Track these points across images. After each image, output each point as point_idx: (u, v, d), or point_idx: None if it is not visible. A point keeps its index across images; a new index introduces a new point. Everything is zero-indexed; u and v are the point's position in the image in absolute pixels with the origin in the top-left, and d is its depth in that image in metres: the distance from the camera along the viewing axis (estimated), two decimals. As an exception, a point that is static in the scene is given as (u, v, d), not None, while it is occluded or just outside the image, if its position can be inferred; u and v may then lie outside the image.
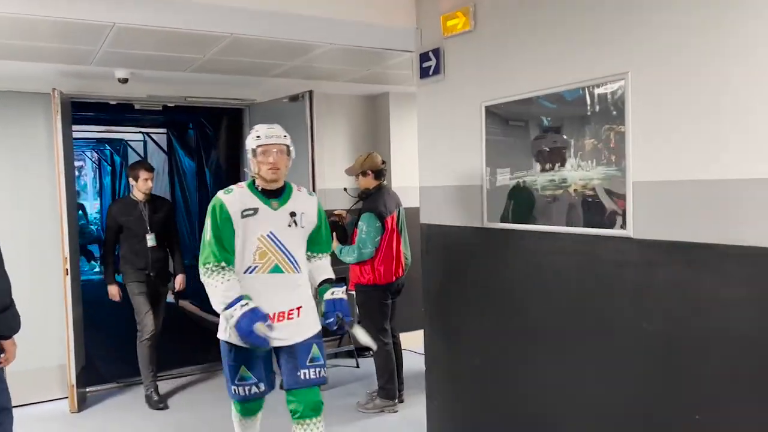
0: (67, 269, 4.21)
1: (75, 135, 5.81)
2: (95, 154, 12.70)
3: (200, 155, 7.02)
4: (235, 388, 2.87)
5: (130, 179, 4.52)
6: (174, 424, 4.10)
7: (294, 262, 2.79)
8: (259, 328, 2.56)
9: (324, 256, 3.00)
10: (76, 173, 14.46)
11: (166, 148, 8.25)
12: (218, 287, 2.64)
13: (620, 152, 2.36)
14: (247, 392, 2.87)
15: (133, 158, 9.88)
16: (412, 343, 4.82)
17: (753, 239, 1.98)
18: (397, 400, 4.21)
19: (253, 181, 2.80)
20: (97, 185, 13.64)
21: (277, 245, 2.74)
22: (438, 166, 3.38)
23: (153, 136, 8.56)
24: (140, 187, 4.47)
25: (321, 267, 2.98)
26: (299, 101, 4.66)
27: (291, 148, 2.80)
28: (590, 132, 2.48)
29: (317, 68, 4.40)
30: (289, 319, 2.77)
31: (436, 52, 3.27)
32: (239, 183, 2.85)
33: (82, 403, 4.40)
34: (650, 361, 2.31)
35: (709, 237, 2.10)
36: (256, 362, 2.86)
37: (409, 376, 4.39)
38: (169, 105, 5.11)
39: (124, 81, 4.37)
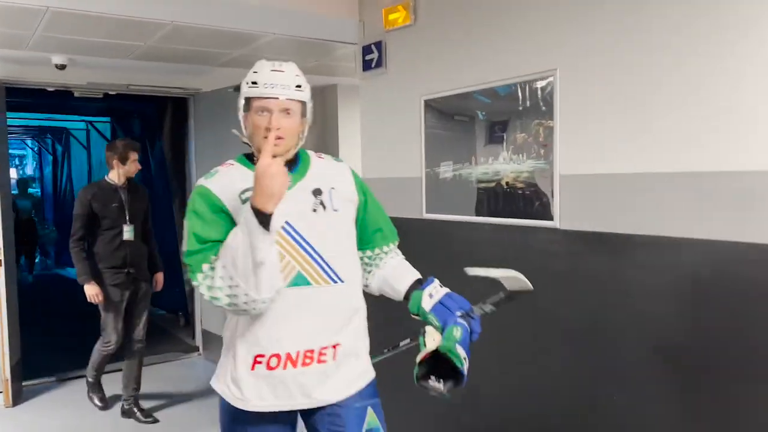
0: (0, 260, 4.09)
1: (14, 122, 5.62)
2: (36, 143, 12.25)
3: (144, 145, 6.86)
4: None
5: (114, 161, 3.82)
6: (111, 418, 4.04)
7: (326, 266, 1.75)
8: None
9: (391, 248, 1.97)
10: (17, 163, 13.98)
11: (109, 137, 8.03)
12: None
13: (549, 146, 2.45)
14: None
15: (76, 147, 9.58)
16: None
17: (670, 230, 2.09)
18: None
19: (249, 155, 1.81)
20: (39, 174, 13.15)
21: (297, 242, 1.72)
22: (380, 158, 3.42)
23: (96, 124, 8.32)
24: (129, 170, 3.85)
25: (396, 268, 1.94)
26: (245, 91, 4.61)
27: (309, 105, 1.84)
28: (522, 126, 2.56)
29: (263, 58, 4.36)
30: (319, 362, 1.75)
31: (378, 45, 3.31)
32: (226, 162, 1.84)
33: (18, 397, 4.28)
34: (573, 346, 2.42)
35: (629, 228, 2.21)
36: None
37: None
38: (111, 93, 4.98)
39: (62, 67, 4.24)
